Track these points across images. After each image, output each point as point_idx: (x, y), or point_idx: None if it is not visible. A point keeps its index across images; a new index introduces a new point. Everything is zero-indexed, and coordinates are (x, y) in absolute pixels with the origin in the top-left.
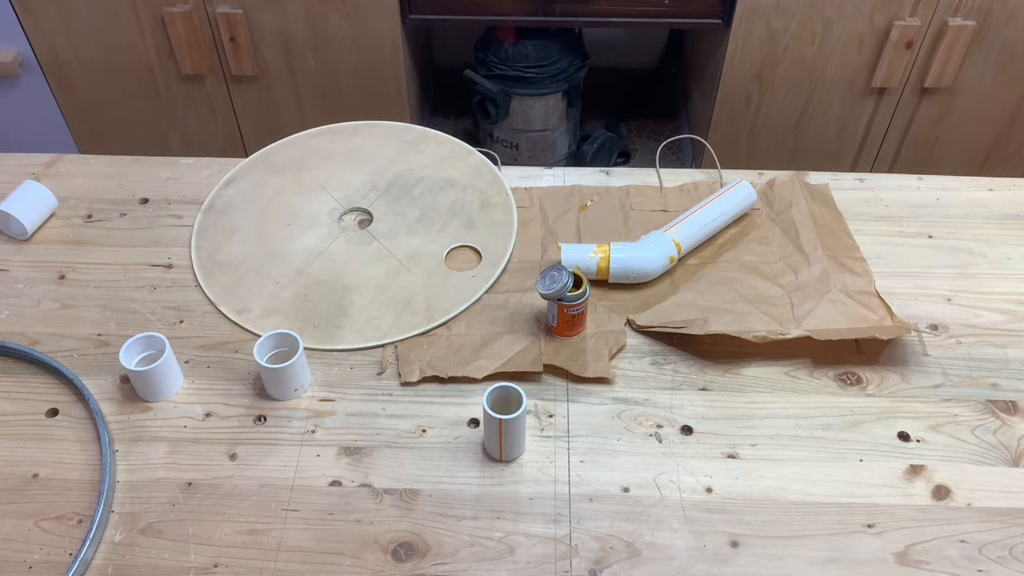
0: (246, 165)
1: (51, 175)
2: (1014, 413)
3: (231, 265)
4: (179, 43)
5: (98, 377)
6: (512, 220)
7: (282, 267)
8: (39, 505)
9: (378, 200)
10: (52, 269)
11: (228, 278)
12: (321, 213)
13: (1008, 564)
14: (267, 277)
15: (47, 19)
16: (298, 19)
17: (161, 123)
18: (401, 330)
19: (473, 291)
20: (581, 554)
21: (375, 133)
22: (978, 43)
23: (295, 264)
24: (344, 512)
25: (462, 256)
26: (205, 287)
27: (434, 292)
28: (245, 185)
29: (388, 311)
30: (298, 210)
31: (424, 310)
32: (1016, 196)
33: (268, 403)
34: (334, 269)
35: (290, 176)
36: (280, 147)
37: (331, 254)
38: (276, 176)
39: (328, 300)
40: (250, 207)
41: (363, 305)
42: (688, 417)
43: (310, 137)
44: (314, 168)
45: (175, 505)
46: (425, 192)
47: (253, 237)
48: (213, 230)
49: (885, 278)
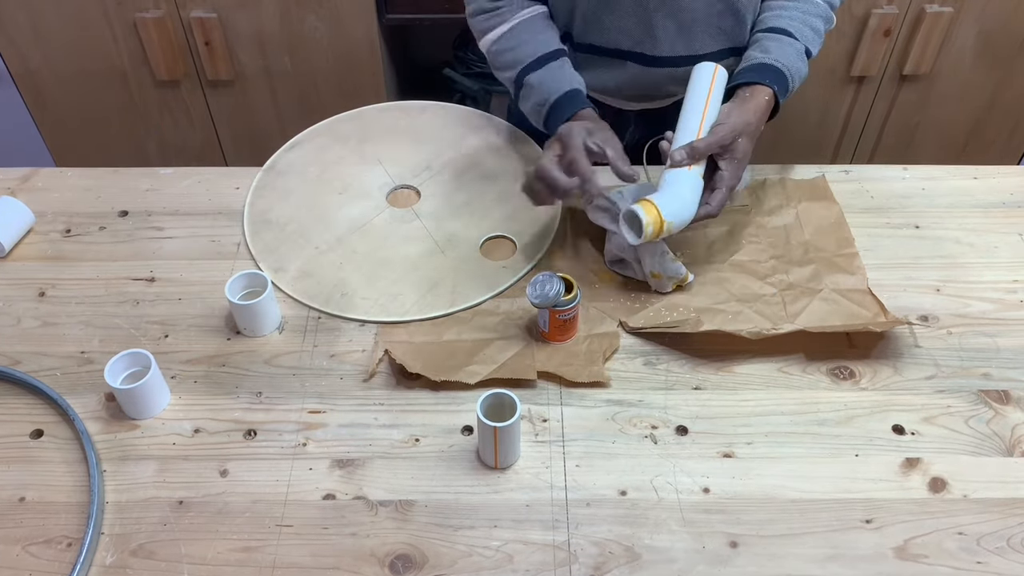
0: (312, 131)
1: (27, 189)
2: (1007, 402)
3: (278, 225)
4: (153, 49)
5: (83, 396)
6: (556, 215)
7: (325, 233)
8: (27, 530)
9: (430, 180)
10: (32, 286)
11: (273, 237)
12: (373, 186)
13: (1006, 555)
14: (308, 241)
15: (16, 28)
16: (273, 22)
17: (138, 131)
18: (422, 310)
19: (500, 281)
20: (580, 560)
21: (441, 114)
22: (955, 29)
23: (337, 232)
24: (339, 526)
25: (500, 245)
26: (250, 243)
27: (462, 278)
28: (308, 149)
29: (414, 290)
30: (351, 180)
31: (449, 293)
32: (1001, 184)
33: (258, 417)
34: (373, 242)
35: (351, 147)
36: (348, 117)
37: (373, 227)
38: (339, 145)
39: (360, 271)
40: (308, 172)
41: (392, 280)
42: (683, 417)
43: (378, 111)
44: (376, 141)
45: (166, 524)
46: (476, 178)
47: (305, 201)
48: (269, 189)
49: (873, 270)
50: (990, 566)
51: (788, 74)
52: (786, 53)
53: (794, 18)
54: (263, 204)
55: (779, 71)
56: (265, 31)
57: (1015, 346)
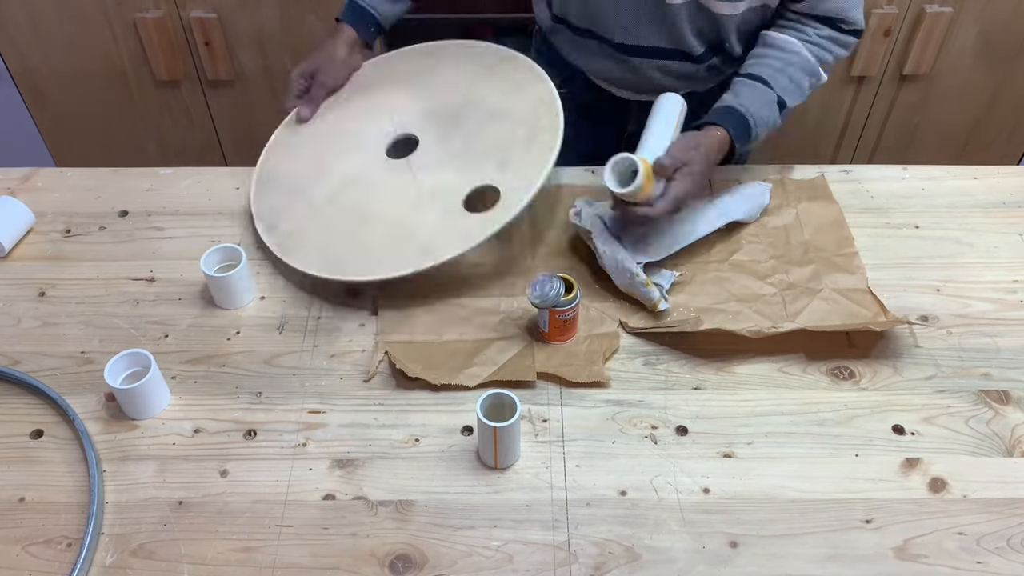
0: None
1: (27, 190)
2: (1007, 403)
3: (280, 180)
4: (153, 49)
5: (82, 396)
6: (547, 163)
7: (320, 188)
8: (27, 530)
9: (431, 128)
10: (32, 286)
11: (274, 193)
12: (373, 137)
13: (1006, 555)
14: (303, 196)
15: (16, 28)
16: (273, 22)
17: (138, 131)
18: (395, 266)
19: (476, 235)
20: (580, 560)
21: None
22: (955, 29)
23: (332, 186)
24: (339, 526)
25: (485, 196)
26: (253, 199)
27: (440, 230)
28: (328, 102)
29: (390, 245)
30: (355, 131)
31: (422, 249)
32: (1001, 184)
33: (258, 417)
34: (364, 195)
35: (365, 96)
36: (373, 64)
37: (366, 180)
38: (357, 95)
39: (344, 228)
40: (321, 124)
41: (374, 236)
42: (683, 417)
43: (402, 56)
44: (387, 89)
45: (166, 525)
46: (476, 123)
47: (310, 155)
48: (283, 146)
49: (873, 270)
50: (990, 566)
51: (751, 120)
52: (754, 99)
53: (773, 67)
54: (274, 159)
55: (741, 116)
56: (265, 31)
57: (1015, 346)
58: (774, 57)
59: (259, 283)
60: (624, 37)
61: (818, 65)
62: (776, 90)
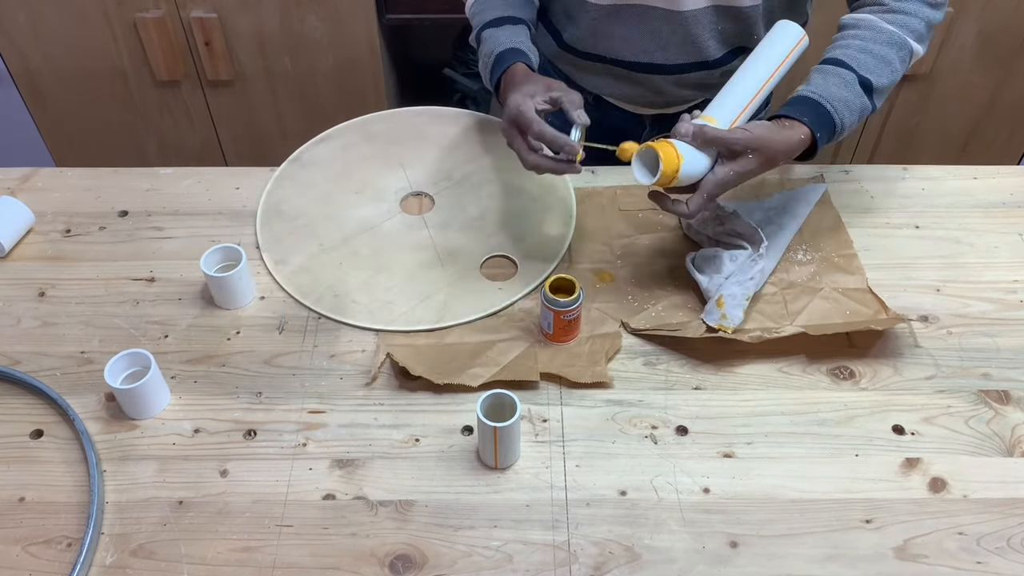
0: (344, 127)
1: (27, 189)
2: (1007, 402)
3: (290, 217)
4: (153, 49)
5: (82, 396)
6: (564, 243)
7: (333, 232)
8: (26, 530)
9: (447, 189)
10: (31, 286)
11: (282, 228)
12: (389, 189)
13: (1006, 555)
14: (315, 237)
15: (16, 28)
16: (274, 22)
17: (138, 131)
18: (410, 321)
19: (492, 303)
20: (580, 560)
21: (476, 125)
22: (955, 29)
23: (345, 232)
24: (339, 526)
25: (502, 265)
26: (259, 232)
27: (456, 293)
28: (335, 146)
29: (406, 299)
30: (370, 181)
31: (439, 308)
32: (1001, 184)
33: (258, 417)
34: (377, 246)
35: (378, 147)
36: (382, 117)
37: (380, 231)
38: (366, 144)
39: (358, 274)
40: (331, 167)
41: (386, 287)
42: (683, 417)
43: (413, 114)
44: (403, 144)
45: (166, 524)
46: (493, 193)
47: (320, 196)
48: (290, 181)
49: (873, 270)
50: (990, 566)
51: (830, 106)
52: (829, 84)
53: (851, 46)
54: (280, 194)
55: (816, 103)
56: (265, 31)
57: (1015, 346)
58: (849, 36)
59: (259, 283)
60: (637, 57)
61: (905, 34)
62: (859, 70)
